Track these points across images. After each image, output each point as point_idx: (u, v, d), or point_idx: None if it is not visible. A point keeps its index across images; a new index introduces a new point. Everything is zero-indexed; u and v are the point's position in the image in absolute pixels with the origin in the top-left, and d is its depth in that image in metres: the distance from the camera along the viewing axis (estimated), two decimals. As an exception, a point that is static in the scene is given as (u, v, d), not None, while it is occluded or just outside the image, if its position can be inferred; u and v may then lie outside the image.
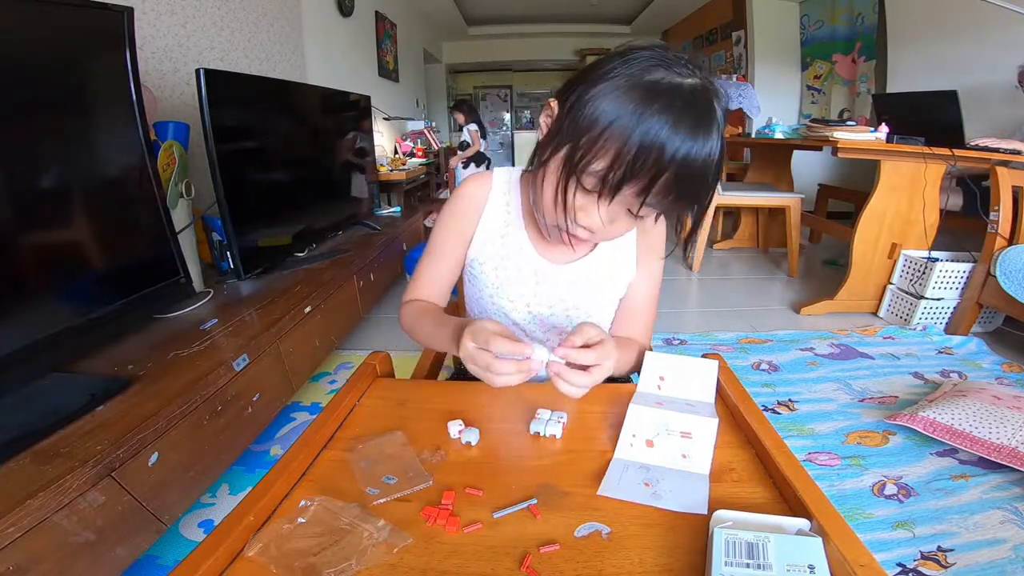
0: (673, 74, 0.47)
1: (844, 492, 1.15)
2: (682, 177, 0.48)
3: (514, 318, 0.71)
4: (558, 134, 0.52)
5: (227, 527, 0.39)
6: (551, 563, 0.37)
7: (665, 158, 0.46)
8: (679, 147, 0.46)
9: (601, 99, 0.48)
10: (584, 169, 0.49)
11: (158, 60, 1.77)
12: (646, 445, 0.49)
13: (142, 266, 1.11)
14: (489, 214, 0.69)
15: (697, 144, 0.46)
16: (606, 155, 0.48)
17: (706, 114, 0.47)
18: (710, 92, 0.48)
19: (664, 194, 0.49)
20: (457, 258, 0.71)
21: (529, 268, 0.68)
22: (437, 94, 7.59)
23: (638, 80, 0.47)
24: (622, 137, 0.46)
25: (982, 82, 2.80)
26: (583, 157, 0.49)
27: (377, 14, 4.19)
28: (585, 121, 0.48)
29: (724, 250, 3.43)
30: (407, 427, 0.54)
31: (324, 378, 1.71)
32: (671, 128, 0.45)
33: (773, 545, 0.35)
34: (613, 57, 0.50)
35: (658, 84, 0.47)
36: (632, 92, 0.47)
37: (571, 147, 0.50)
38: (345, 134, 2.31)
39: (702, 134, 0.46)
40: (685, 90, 0.47)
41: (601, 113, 0.47)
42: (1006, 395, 1.35)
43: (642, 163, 0.46)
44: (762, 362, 1.79)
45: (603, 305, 0.72)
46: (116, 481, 0.79)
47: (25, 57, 0.85)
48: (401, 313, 0.72)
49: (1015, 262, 1.76)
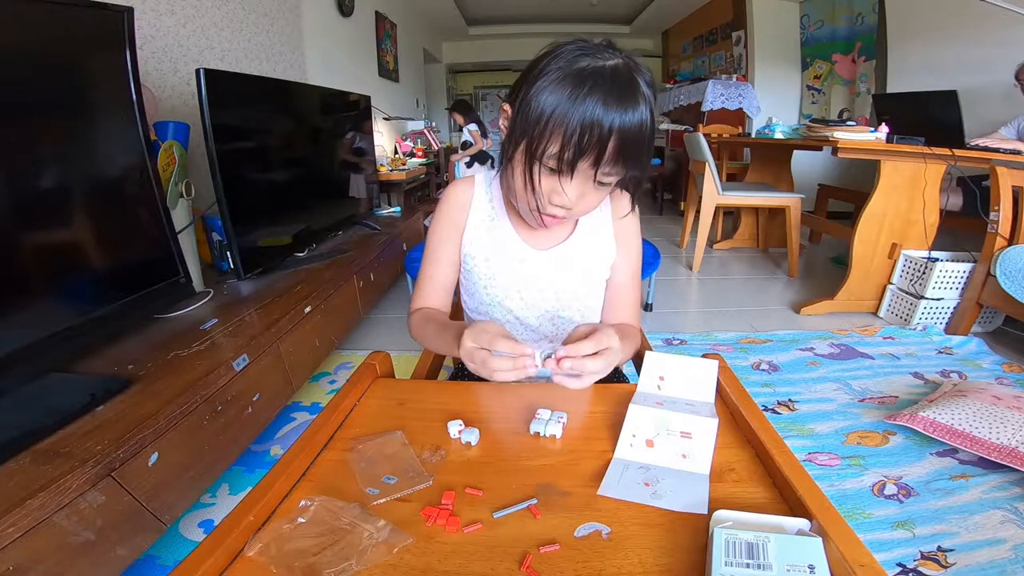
0: (596, 60, 0.54)
1: (844, 492, 1.15)
2: (623, 144, 0.54)
3: (508, 305, 0.75)
4: (515, 132, 0.58)
5: (227, 527, 0.39)
6: (551, 563, 0.37)
7: (604, 131, 0.52)
8: (614, 119, 0.52)
9: (541, 93, 0.54)
10: (542, 155, 0.56)
11: (158, 60, 1.77)
12: (646, 445, 0.49)
13: (142, 266, 1.11)
14: (475, 210, 0.74)
15: (628, 114, 0.53)
16: (556, 139, 0.54)
17: (630, 86, 0.53)
18: (631, 68, 0.55)
19: (613, 162, 0.55)
20: (454, 259, 0.76)
21: (516, 256, 0.73)
22: (437, 94, 7.59)
23: (568, 70, 0.53)
24: (565, 121, 0.52)
25: (982, 82, 2.80)
26: (538, 145, 0.55)
27: (377, 14, 4.20)
28: (533, 115, 0.54)
29: (724, 250, 3.43)
30: (407, 427, 0.54)
31: (324, 378, 1.71)
32: (603, 105, 0.52)
33: (773, 545, 0.35)
34: (544, 56, 0.57)
35: (585, 70, 0.53)
36: (565, 81, 0.53)
37: (528, 140, 0.56)
38: (345, 134, 2.31)
39: (631, 105, 0.53)
40: (608, 70, 0.53)
41: (544, 105, 0.54)
42: (1006, 395, 1.35)
43: (587, 139, 0.53)
44: (762, 362, 1.79)
45: (590, 284, 0.76)
46: (116, 481, 0.79)
47: (25, 57, 0.85)
48: (409, 323, 0.77)
49: (1015, 262, 1.76)
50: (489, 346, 0.52)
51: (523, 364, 0.51)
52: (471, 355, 0.54)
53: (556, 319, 0.76)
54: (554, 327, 0.76)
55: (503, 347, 0.51)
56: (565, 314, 0.76)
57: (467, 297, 0.80)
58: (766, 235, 3.38)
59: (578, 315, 0.76)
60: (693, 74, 5.47)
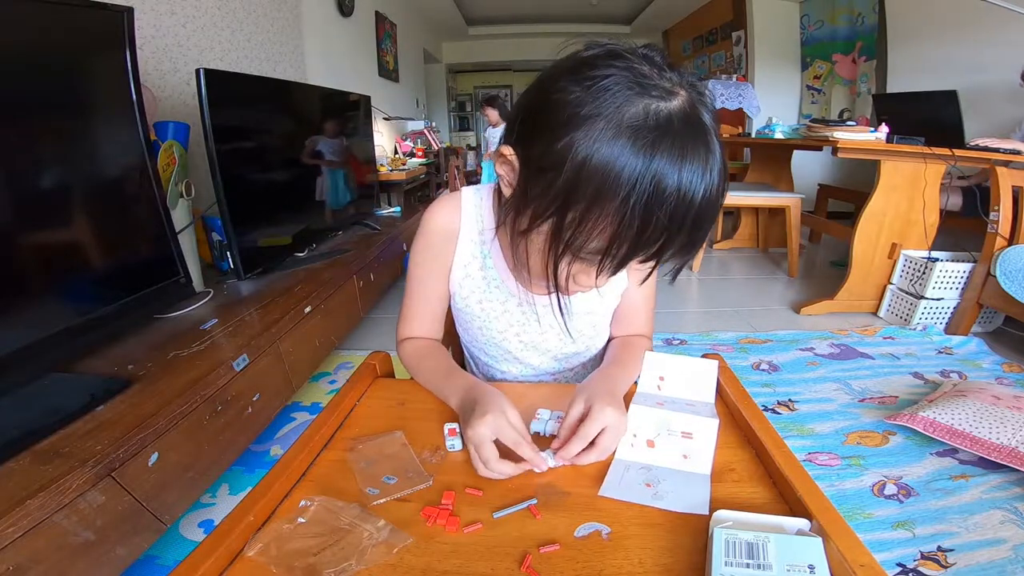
0: (655, 99, 0.38)
1: (844, 492, 1.15)
2: (698, 226, 0.40)
3: (506, 347, 0.69)
4: (528, 199, 0.43)
5: (227, 527, 0.39)
6: (551, 563, 0.37)
7: (679, 218, 0.38)
8: (693, 198, 0.38)
9: (580, 158, 0.38)
10: (578, 248, 0.42)
11: (158, 60, 1.77)
12: (647, 445, 0.49)
13: (142, 266, 1.11)
14: (463, 243, 0.63)
15: (707, 181, 0.38)
16: (603, 233, 0.40)
17: (706, 140, 0.39)
18: (698, 106, 0.39)
19: (680, 250, 0.42)
20: (440, 293, 0.67)
21: (513, 299, 0.64)
22: (437, 94, 7.59)
23: (618, 124, 0.37)
24: (621, 210, 0.38)
25: (982, 82, 2.80)
26: (572, 236, 0.41)
27: (377, 14, 4.19)
28: (565, 188, 0.39)
29: (724, 250, 3.43)
30: (407, 427, 0.54)
31: (324, 378, 1.71)
32: (676, 181, 0.37)
33: (773, 545, 0.35)
34: (569, 82, 0.40)
35: (645, 124, 0.37)
36: (616, 145, 0.37)
37: (555, 221, 0.41)
38: (345, 134, 2.31)
39: (710, 167, 0.38)
40: (677, 121, 0.38)
41: (584, 179, 0.38)
42: (1006, 395, 1.35)
43: (650, 233, 0.39)
44: (762, 362, 1.79)
45: (595, 322, 0.68)
46: (116, 481, 0.79)
47: (25, 57, 0.85)
48: (400, 353, 0.68)
49: (1015, 262, 1.76)
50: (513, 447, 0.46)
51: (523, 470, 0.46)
52: (482, 444, 0.45)
53: (559, 357, 0.70)
54: (557, 364, 0.71)
55: (526, 452, 0.45)
56: (569, 350, 0.69)
57: (462, 331, 0.74)
58: (766, 235, 3.38)
59: (583, 353, 0.71)
60: (693, 74, 5.47)
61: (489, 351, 0.71)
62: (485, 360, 0.74)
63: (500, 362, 0.72)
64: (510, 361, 0.71)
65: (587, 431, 0.47)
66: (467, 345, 0.77)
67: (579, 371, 0.74)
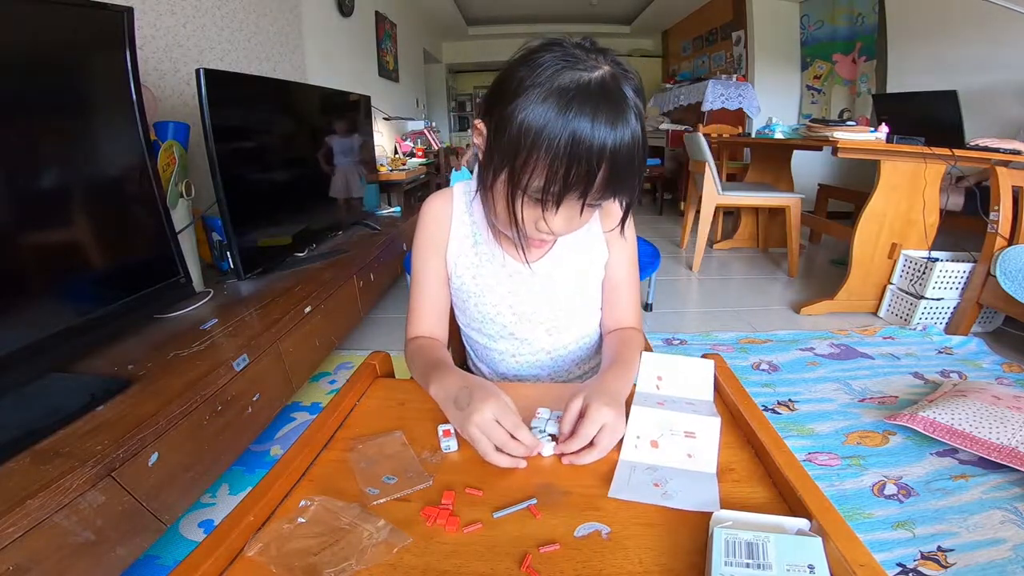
0: (579, 71, 0.48)
1: (844, 492, 1.15)
2: (613, 170, 0.49)
3: (501, 321, 0.72)
4: (493, 158, 0.53)
5: (227, 527, 0.39)
6: (551, 563, 0.37)
7: (593, 160, 0.48)
8: (603, 144, 0.47)
9: (520, 117, 0.48)
10: (526, 188, 0.51)
11: (158, 60, 1.77)
12: (651, 446, 0.49)
13: (142, 266, 1.11)
14: (457, 224, 0.71)
15: (617, 133, 0.48)
16: (540, 172, 0.49)
17: (619, 102, 0.48)
18: (618, 78, 0.50)
19: (603, 189, 0.51)
20: (442, 275, 0.72)
21: (504, 271, 0.70)
22: (437, 94, 7.58)
23: (549, 88, 0.48)
24: (549, 152, 0.48)
25: (983, 82, 2.80)
26: (520, 178, 0.51)
27: (377, 14, 4.19)
28: (512, 142, 0.49)
29: (724, 250, 3.43)
30: (407, 427, 0.54)
31: (324, 378, 1.71)
32: (590, 130, 0.47)
33: (773, 545, 0.35)
34: (519, 65, 0.51)
35: (568, 88, 0.48)
36: (546, 103, 0.47)
37: (508, 170, 0.52)
38: (345, 134, 2.31)
39: (620, 123, 0.48)
40: (594, 85, 0.48)
41: (524, 132, 0.48)
42: (1006, 395, 1.35)
43: (575, 172, 0.48)
44: (762, 362, 1.79)
45: (584, 291, 0.73)
46: (116, 481, 0.79)
47: (25, 57, 0.85)
48: (405, 353, 0.72)
49: (1015, 262, 1.76)
50: (512, 431, 0.48)
51: (519, 462, 0.48)
52: (490, 427, 0.47)
53: (552, 330, 0.74)
54: (551, 338, 0.74)
55: (526, 437, 0.48)
56: (561, 324, 0.73)
57: (460, 314, 0.78)
58: (766, 235, 3.38)
59: (575, 326, 0.75)
60: (693, 74, 5.47)
61: (486, 329, 0.74)
62: (483, 343, 0.77)
63: (497, 340, 0.75)
64: (506, 338, 0.74)
65: (586, 431, 0.49)
66: (466, 330, 0.80)
67: (573, 351, 0.77)
